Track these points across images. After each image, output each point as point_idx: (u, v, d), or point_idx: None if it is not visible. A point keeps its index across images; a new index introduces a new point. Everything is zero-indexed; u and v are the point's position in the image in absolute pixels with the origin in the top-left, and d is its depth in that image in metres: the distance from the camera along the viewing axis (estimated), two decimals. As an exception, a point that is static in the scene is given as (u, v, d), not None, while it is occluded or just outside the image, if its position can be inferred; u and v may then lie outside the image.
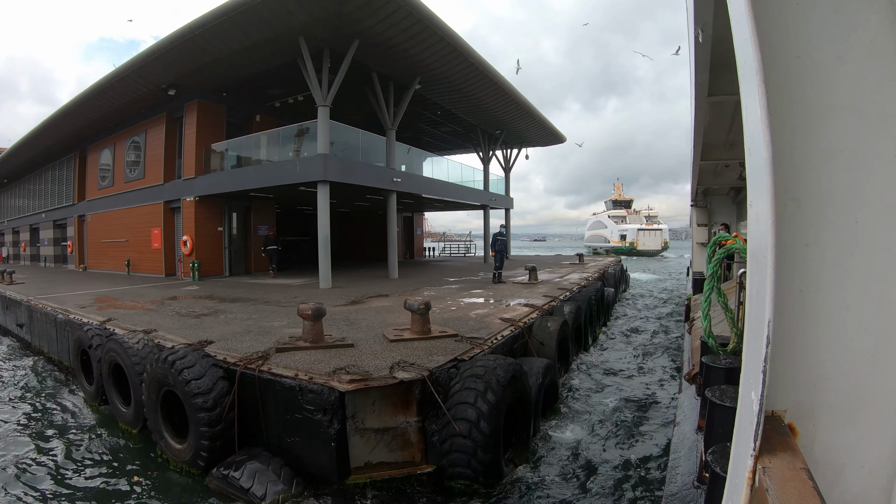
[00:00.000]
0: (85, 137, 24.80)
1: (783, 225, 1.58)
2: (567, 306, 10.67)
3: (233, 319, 9.47)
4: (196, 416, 5.83)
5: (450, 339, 7.32)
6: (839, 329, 1.64)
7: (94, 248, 25.69)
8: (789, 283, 1.62)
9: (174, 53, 15.41)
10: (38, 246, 34.82)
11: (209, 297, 13.27)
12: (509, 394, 5.63)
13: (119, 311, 10.74)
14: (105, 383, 8.10)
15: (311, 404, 5.39)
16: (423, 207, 31.31)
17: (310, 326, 6.74)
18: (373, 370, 5.72)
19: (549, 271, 20.31)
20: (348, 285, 15.69)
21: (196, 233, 18.95)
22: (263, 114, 20.51)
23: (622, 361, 11.14)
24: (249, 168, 17.97)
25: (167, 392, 6.33)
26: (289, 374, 5.70)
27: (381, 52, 15.21)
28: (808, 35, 1.59)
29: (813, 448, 1.68)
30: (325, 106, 14.86)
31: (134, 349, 7.43)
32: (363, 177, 16.76)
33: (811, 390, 1.67)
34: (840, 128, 1.59)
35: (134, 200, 22.03)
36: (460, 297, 12.61)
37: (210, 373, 6.02)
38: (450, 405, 5.41)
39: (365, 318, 9.41)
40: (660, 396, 8.63)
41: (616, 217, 68.33)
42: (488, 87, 19.68)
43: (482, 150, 27.63)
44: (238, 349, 6.89)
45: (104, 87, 18.49)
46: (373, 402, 5.42)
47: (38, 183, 33.38)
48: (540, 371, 7.23)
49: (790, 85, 1.60)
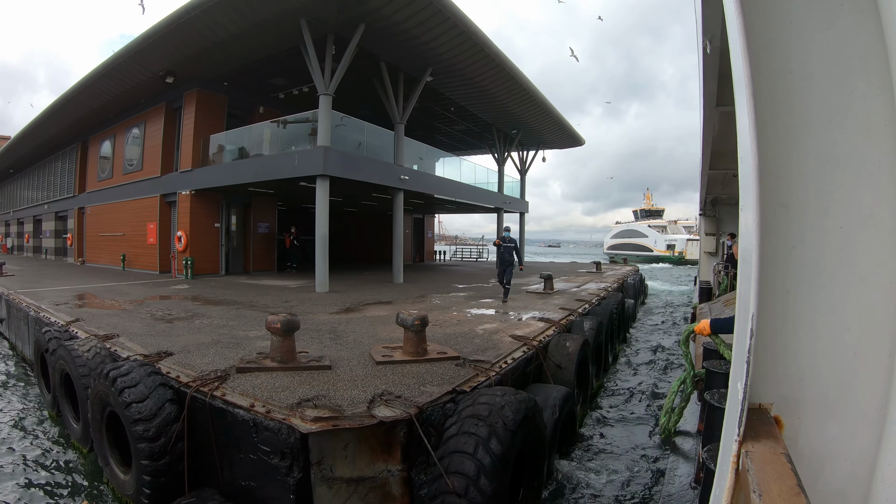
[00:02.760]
0: (87, 128, 23.99)
1: (772, 228, 1.72)
2: (587, 322, 9.43)
3: (206, 326, 8.37)
4: (137, 446, 4.75)
5: (449, 363, 6.13)
6: (824, 328, 1.73)
7: (92, 242, 24.85)
8: (777, 284, 1.73)
9: (170, 38, 14.39)
10: (41, 238, 34.16)
11: (195, 297, 12.20)
12: (519, 440, 4.44)
13: (92, 311, 9.76)
14: (58, 393, 7.14)
15: (267, 444, 4.25)
16: (434, 209, 30.16)
17: (279, 343, 5.56)
18: (347, 404, 4.55)
19: (564, 280, 19.07)
20: (347, 290, 14.55)
21: (191, 228, 17.95)
22: (267, 105, 19.41)
23: (645, 383, 9.93)
24: (246, 161, 16.89)
25: (112, 413, 5.28)
26: (244, 403, 4.57)
27: (388, 38, 14.08)
28: (801, 51, 1.69)
29: (797, 440, 1.76)
30: (328, 94, 13.75)
31: (83, 358, 6.38)
32: (368, 173, 15.59)
33: (796, 385, 1.75)
34: (828, 138, 1.68)
35: (131, 193, 21.14)
36: (468, 307, 11.43)
37: (156, 394, 4.93)
38: (443, 453, 4.23)
39: (355, 330, 8.25)
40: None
41: (657, 227, 68.19)
42: (506, 83, 18.47)
43: (497, 151, 26.43)
44: (196, 365, 5.78)
45: (101, 75, 17.59)
46: (345, 446, 4.25)
47: (42, 174, 32.75)
48: (557, 403, 6.07)
49: (782, 97, 1.70)
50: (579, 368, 7.78)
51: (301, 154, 14.68)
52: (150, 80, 17.50)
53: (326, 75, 13.68)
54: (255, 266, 20.10)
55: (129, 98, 19.50)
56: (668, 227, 67.92)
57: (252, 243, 20.08)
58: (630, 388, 9.77)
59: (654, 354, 12.53)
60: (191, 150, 18.00)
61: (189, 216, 18.00)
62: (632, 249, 68.57)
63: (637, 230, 70.96)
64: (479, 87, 18.42)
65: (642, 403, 8.86)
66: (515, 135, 26.03)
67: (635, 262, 56.15)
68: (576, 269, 26.40)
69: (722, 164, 10.50)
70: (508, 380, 6.12)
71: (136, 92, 18.80)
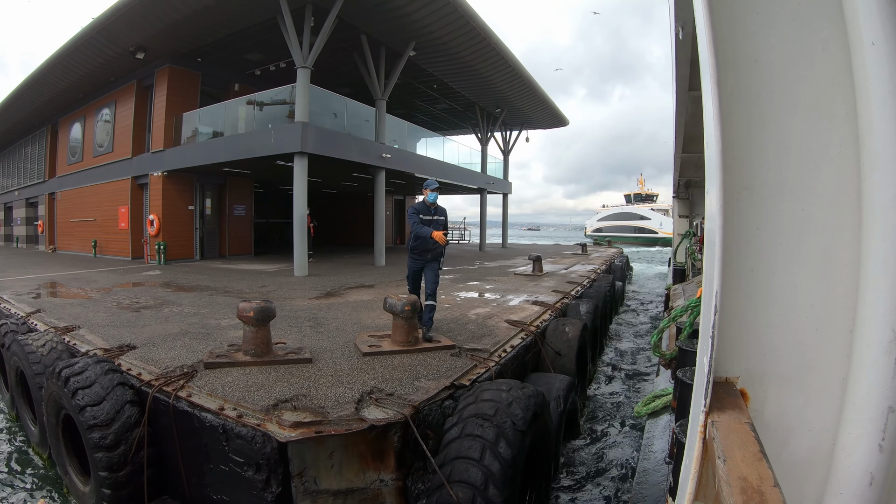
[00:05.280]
0: (56, 110, 22.85)
1: (736, 210, 1.76)
2: (583, 305, 8.92)
3: (176, 315, 7.71)
4: (94, 455, 4.16)
5: (444, 353, 5.57)
6: (787, 305, 1.77)
7: (63, 228, 23.78)
8: (741, 263, 1.78)
9: (140, 10, 13.38)
10: (12, 226, 32.71)
11: (166, 284, 11.49)
12: (528, 440, 3.94)
13: (55, 302, 9.04)
14: (14, 393, 6.51)
15: (239, 454, 3.67)
16: (415, 190, 29.46)
17: (252, 333, 4.92)
18: (331, 405, 3.97)
19: (551, 262, 18.62)
20: (327, 273, 13.93)
21: (164, 211, 17.06)
22: (242, 83, 18.45)
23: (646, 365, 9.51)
24: (220, 139, 16.01)
25: (68, 416, 4.69)
26: (212, 405, 3.97)
27: (370, 8, 13.28)
28: (766, 41, 1.73)
29: (763, 412, 1.82)
30: (306, 68, 12.94)
31: (37, 354, 5.74)
32: (347, 150, 14.81)
33: (761, 359, 1.81)
34: (791, 125, 1.73)
35: (102, 176, 20.14)
36: (456, 290, 10.89)
37: (114, 396, 4.35)
38: (443, 459, 3.68)
39: (337, 316, 7.66)
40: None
41: (660, 210, 69.96)
42: (491, 58, 17.70)
43: (480, 131, 25.73)
44: (161, 360, 5.16)
45: (68, 52, 16.52)
46: (330, 454, 3.67)
47: (12, 159, 31.33)
48: (561, 394, 5.58)
49: (747, 85, 1.75)
50: (579, 354, 7.30)
51: (278, 130, 13.88)
52: (119, 57, 16.49)
53: (305, 48, 12.87)
54: (231, 250, 19.31)
55: (98, 77, 18.43)
56: (670, 209, 71.36)
57: (228, 226, 19.26)
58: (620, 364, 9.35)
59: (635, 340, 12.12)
60: (162, 130, 17.06)
61: (161, 199, 17.12)
62: (631, 231, 71.38)
63: (636, 213, 73.42)
64: (463, 63, 17.66)
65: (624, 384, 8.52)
66: (499, 114, 25.33)
67: (635, 244, 59.37)
68: (561, 252, 26.05)
69: (694, 147, 10.63)
70: (508, 370, 5.60)
71: (106, 70, 17.74)
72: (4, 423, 6.85)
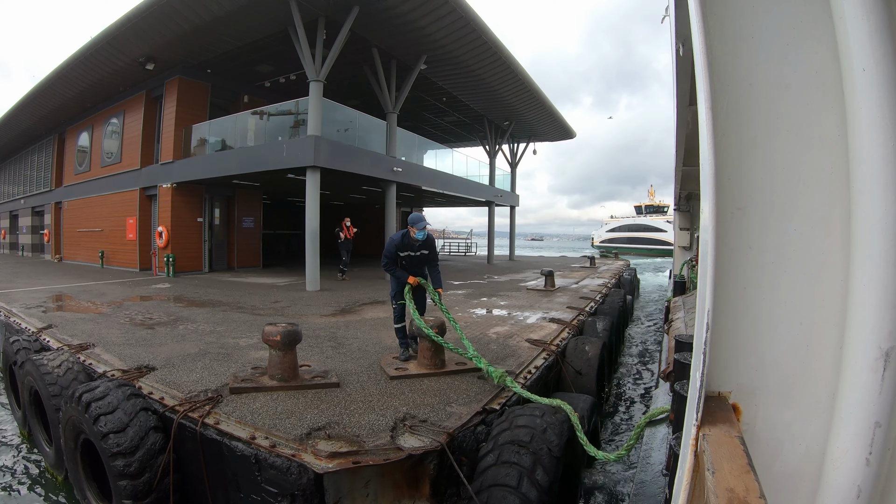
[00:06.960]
0: (64, 118, 22.84)
1: (730, 230, 1.82)
2: (600, 322, 8.83)
3: (192, 332, 7.61)
4: (117, 483, 4.05)
5: (471, 375, 5.48)
6: (778, 322, 1.82)
7: (69, 238, 23.68)
8: (734, 281, 1.83)
9: (150, 20, 13.36)
10: (17, 234, 32.68)
11: (177, 298, 11.41)
12: (562, 465, 3.84)
13: (66, 316, 8.95)
14: (27, 412, 6.37)
15: (272, 485, 3.56)
16: (422, 203, 29.37)
17: (278, 358, 4.82)
18: (366, 433, 3.88)
19: (561, 276, 18.52)
20: (339, 287, 13.84)
21: (172, 223, 17.00)
22: (252, 94, 18.46)
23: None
24: (231, 152, 15.94)
25: (87, 440, 4.58)
26: (242, 434, 3.87)
27: (383, 22, 13.26)
28: (760, 66, 1.79)
29: (755, 426, 1.87)
30: (318, 81, 12.90)
31: (53, 375, 5.63)
32: (360, 164, 14.77)
33: (753, 375, 1.86)
34: (784, 147, 1.79)
35: (109, 187, 20.07)
36: (470, 307, 10.78)
37: (137, 421, 4.25)
38: (479, 486, 3.59)
39: (356, 335, 7.55)
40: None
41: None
42: (501, 71, 17.64)
43: (489, 143, 25.64)
44: (183, 383, 5.06)
45: (78, 61, 16.48)
46: (366, 483, 3.58)
47: (18, 167, 31.31)
48: (585, 415, 5.45)
49: (741, 109, 1.80)
50: (598, 373, 7.19)
51: (290, 144, 13.83)
52: (129, 67, 16.47)
53: (317, 61, 12.84)
54: (239, 262, 19.23)
55: (107, 87, 18.42)
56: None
57: (236, 239, 19.19)
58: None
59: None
60: (172, 141, 17.02)
61: (170, 210, 17.06)
62: (644, 243, 70.09)
63: (650, 225, 72.04)
64: (474, 76, 17.62)
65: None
66: (507, 126, 25.26)
67: (649, 255, 59.04)
68: (568, 264, 25.93)
69: (695, 160, 10.25)
70: (533, 391, 5.48)
71: (115, 80, 17.75)
72: (17, 441, 6.71)
